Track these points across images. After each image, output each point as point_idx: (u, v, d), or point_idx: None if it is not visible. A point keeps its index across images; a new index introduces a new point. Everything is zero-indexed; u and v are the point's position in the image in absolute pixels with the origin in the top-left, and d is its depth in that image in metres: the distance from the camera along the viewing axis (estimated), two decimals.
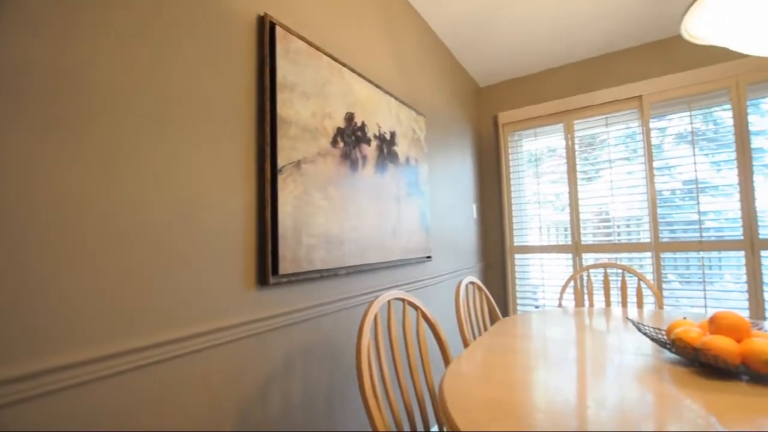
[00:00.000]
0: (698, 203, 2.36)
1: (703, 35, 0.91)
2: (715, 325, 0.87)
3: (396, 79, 1.79)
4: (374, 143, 1.50)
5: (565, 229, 2.77)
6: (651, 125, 2.49)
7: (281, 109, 1.08)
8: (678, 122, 2.44)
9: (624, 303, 1.84)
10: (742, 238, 2.25)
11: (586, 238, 2.70)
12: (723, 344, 0.80)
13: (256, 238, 1.04)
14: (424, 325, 1.87)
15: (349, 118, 1.36)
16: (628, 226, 2.59)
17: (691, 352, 0.86)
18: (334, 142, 1.27)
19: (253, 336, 1.02)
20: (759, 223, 2.23)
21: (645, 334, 0.95)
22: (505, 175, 2.97)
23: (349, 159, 1.34)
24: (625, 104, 2.55)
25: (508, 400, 0.75)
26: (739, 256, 2.27)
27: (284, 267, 1.06)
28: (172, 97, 0.87)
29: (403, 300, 1.15)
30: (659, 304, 1.76)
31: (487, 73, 2.90)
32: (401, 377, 1.05)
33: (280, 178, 1.05)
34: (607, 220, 2.63)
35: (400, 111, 1.72)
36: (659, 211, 2.46)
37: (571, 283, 2.87)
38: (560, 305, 1.93)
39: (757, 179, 2.24)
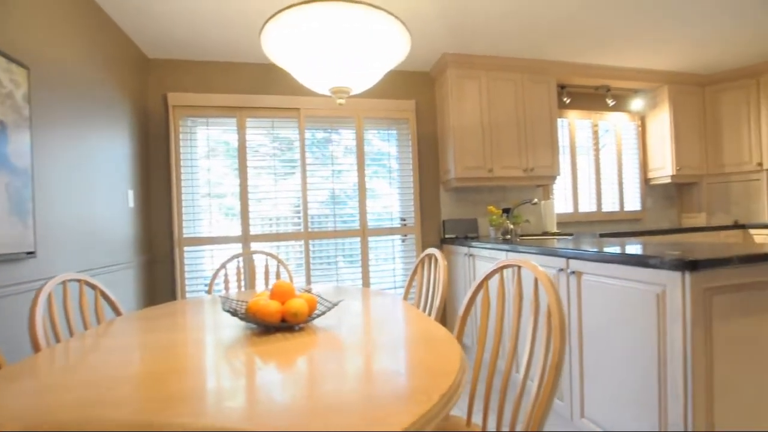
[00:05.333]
0: (334, 203, 3.06)
1: (273, 56, 1.16)
2: (272, 292, 1.11)
3: None
4: None
5: (233, 220, 2.90)
6: (306, 135, 3.01)
7: None
8: (325, 136, 3.07)
9: (267, 284, 2.10)
10: (359, 228, 3.10)
11: (256, 229, 2.93)
12: (266, 307, 1.02)
13: None
14: None
15: None
16: (291, 218, 3.01)
17: (251, 317, 1.04)
18: None
19: None
20: (368, 218, 3.14)
21: (224, 309, 1.08)
22: (175, 161, 2.76)
23: None
24: (287, 113, 2.94)
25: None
26: (357, 241, 3.12)
27: None
28: None
29: None
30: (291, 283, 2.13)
31: (157, 43, 2.59)
32: None
33: None
34: (289, 212, 2.97)
35: None
36: (335, 207, 3.01)
37: (231, 270, 3.03)
38: (210, 293, 1.98)
39: (376, 185, 3.16)
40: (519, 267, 1.05)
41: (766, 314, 1.31)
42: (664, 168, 3.82)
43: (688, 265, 1.22)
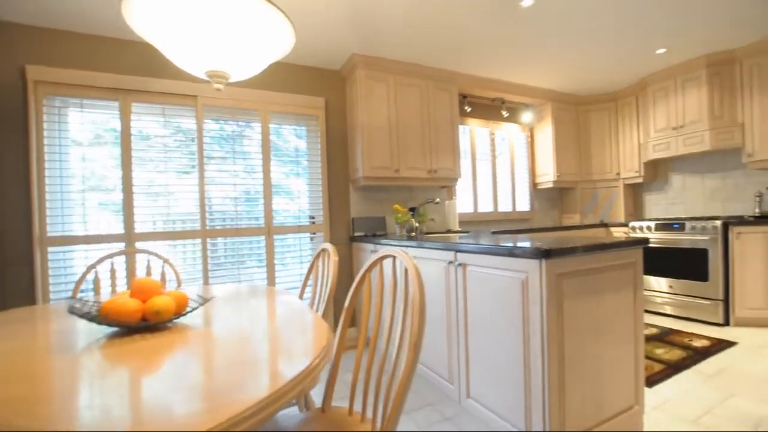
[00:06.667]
0: (244, 199, 2.90)
1: (138, 28, 1.05)
2: (132, 290, 1.00)
3: None
4: None
5: (117, 216, 2.57)
6: (213, 126, 2.80)
7: None
8: (237, 129, 2.89)
9: None
10: (263, 225, 2.98)
11: (147, 226, 2.63)
12: (122, 306, 0.92)
13: None
14: None
15: None
16: (194, 215, 2.76)
17: (104, 318, 0.93)
18: None
19: None
20: (278, 216, 3.04)
21: (69, 311, 0.95)
22: (37, 147, 2.35)
23: None
24: (182, 100, 2.70)
25: None
26: (262, 239, 2.99)
27: None
28: None
29: None
30: (179, 283, 1.96)
31: (10, 2, 2.18)
32: None
33: None
34: (193, 209, 2.69)
35: None
36: (245, 204, 2.81)
37: (105, 273, 2.70)
38: (74, 296, 1.72)
39: (287, 182, 3.05)
40: (395, 257, 1.10)
41: (602, 294, 1.57)
42: (548, 174, 4.36)
43: (544, 254, 1.40)
